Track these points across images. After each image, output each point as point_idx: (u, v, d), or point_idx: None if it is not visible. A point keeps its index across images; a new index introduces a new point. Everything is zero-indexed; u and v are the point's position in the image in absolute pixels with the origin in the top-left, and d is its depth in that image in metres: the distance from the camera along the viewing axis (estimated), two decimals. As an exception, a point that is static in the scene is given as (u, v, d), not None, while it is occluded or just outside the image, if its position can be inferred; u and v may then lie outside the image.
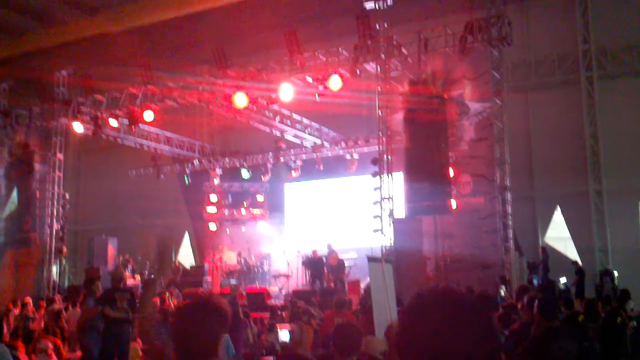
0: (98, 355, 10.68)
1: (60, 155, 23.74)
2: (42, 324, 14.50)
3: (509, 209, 15.92)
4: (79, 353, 11.35)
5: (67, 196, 24.01)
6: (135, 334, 11.60)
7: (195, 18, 23.31)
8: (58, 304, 16.35)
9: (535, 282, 17.94)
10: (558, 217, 21.66)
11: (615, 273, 18.16)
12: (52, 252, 22.98)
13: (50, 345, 9.62)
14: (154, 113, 20.75)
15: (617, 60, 21.16)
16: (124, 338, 10.83)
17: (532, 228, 21.46)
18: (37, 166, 23.65)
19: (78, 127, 22.08)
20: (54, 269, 23.26)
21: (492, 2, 16.09)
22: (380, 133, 17.97)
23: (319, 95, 18.23)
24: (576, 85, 21.41)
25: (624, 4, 21.14)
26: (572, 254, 20.79)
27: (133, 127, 21.66)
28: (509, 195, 15.96)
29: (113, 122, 21.72)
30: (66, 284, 26.41)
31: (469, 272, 16.18)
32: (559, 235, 21.51)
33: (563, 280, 18.44)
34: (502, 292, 14.31)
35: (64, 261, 24.96)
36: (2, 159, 24.06)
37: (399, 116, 17.36)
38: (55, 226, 23.33)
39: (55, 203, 23.44)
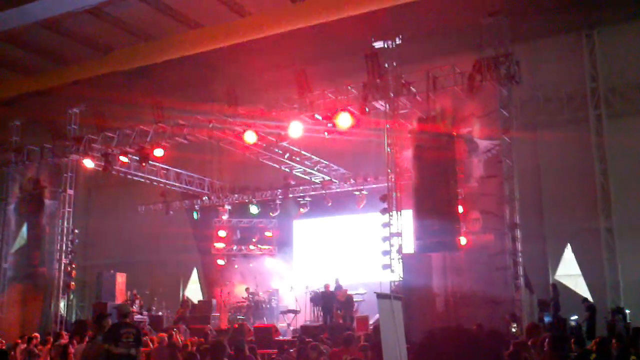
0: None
1: (70, 191, 23.86)
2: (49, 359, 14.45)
3: (519, 246, 15.87)
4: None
5: (77, 231, 24.09)
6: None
7: (206, 57, 23.66)
8: (65, 340, 16.29)
9: (546, 319, 17.77)
10: (568, 254, 21.54)
11: (627, 311, 17.99)
12: (60, 287, 22.94)
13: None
14: (164, 150, 20.97)
15: (625, 99, 21.26)
16: None
17: (543, 265, 21.32)
18: (47, 202, 23.79)
19: (89, 163, 22.31)
20: (62, 304, 23.22)
21: (501, 41, 16.29)
22: (389, 170, 18.06)
23: (328, 133, 18.38)
24: (585, 123, 21.49)
25: (632, 43, 21.34)
26: (583, 291, 20.62)
27: (143, 163, 21.84)
28: (518, 233, 15.93)
29: (123, 159, 21.94)
30: (73, 318, 26.34)
31: (479, 309, 16.05)
32: (569, 272, 21.36)
33: (574, 318, 18.28)
34: (513, 330, 14.21)
35: (71, 296, 24.92)
36: (13, 194, 24.23)
37: (408, 153, 17.44)
38: (64, 261, 23.35)
39: (65, 238, 23.49)
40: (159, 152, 20.87)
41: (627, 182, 20.66)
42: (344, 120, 17.72)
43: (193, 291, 28.67)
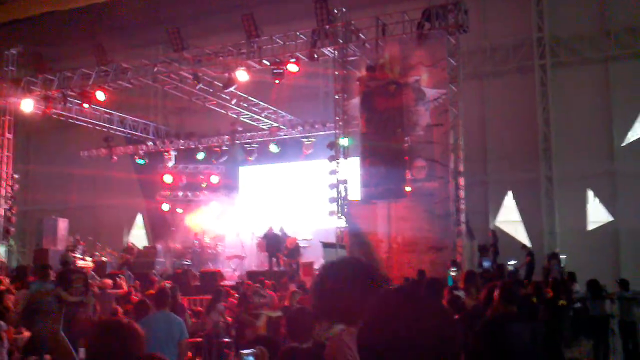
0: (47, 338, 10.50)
1: (9, 135, 23.19)
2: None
3: (462, 194, 16.23)
4: (26, 333, 11.13)
5: (16, 176, 23.52)
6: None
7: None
8: (4, 285, 16.01)
9: (485, 264, 18.31)
10: (509, 201, 22.13)
11: (563, 256, 18.69)
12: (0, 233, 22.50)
13: (3, 327, 9.44)
14: (107, 93, 20.45)
15: (569, 49, 21.60)
16: (79, 320, 10.70)
17: (484, 211, 21.85)
18: (-16, 146, 23.07)
19: (28, 106, 21.54)
20: (2, 250, 22.79)
21: (450, -12, 16.27)
22: (337, 117, 18.07)
23: (277, 80, 18.20)
24: (530, 73, 21.79)
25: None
26: (522, 237, 21.30)
27: (85, 107, 21.26)
28: (462, 180, 16.26)
29: (64, 102, 21.31)
30: (14, 264, 25.91)
31: (422, 255, 16.46)
32: (509, 218, 21.98)
33: (512, 262, 18.89)
34: (452, 273, 14.60)
35: (12, 242, 24.46)
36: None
37: (356, 101, 17.47)
38: (4, 206, 22.83)
39: (4, 183, 22.93)
40: (100, 95, 20.32)
41: (568, 132, 21.17)
42: (291, 67, 17.63)
43: (138, 237, 28.42)
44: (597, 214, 20.89)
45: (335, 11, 17.69)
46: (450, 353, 1.92)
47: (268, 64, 18.17)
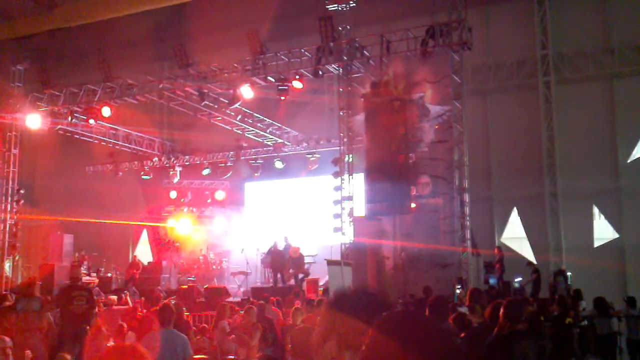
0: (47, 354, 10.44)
1: (15, 151, 23.28)
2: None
3: (467, 210, 16.21)
4: (28, 352, 11.04)
5: (22, 192, 23.57)
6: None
7: (156, 15, 23.08)
8: (10, 302, 15.99)
9: (491, 281, 18.25)
10: (514, 217, 22.08)
11: (569, 273, 18.60)
12: (5, 248, 22.52)
13: (8, 343, 9.39)
14: (113, 109, 20.55)
15: (573, 66, 21.63)
16: (82, 337, 10.60)
17: (489, 228, 21.81)
18: (-9, 162, 23.16)
19: (34, 122, 21.66)
20: (7, 265, 22.81)
21: (454, 6, 16.35)
22: (341, 134, 18.11)
23: (282, 97, 18.29)
24: (534, 89, 21.82)
25: (581, 12, 21.65)
26: (528, 253, 21.22)
27: (91, 123, 21.36)
28: (467, 197, 16.25)
29: (70, 118, 21.42)
30: (19, 280, 25.90)
31: (427, 272, 16.42)
32: (514, 235, 21.92)
33: (518, 279, 18.81)
34: (457, 291, 14.56)
35: (17, 257, 24.48)
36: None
37: (360, 117, 17.51)
38: (9, 221, 22.88)
39: (10, 199, 22.99)
40: (106, 111, 20.41)
41: (573, 149, 21.16)
42: (296, 84, 17.74)
43: (143, 252, 28.40)
44: (602, 230, 20.83)
45: (340, 28, 17.79)
46: None
47: (273, 80, 18.25)
